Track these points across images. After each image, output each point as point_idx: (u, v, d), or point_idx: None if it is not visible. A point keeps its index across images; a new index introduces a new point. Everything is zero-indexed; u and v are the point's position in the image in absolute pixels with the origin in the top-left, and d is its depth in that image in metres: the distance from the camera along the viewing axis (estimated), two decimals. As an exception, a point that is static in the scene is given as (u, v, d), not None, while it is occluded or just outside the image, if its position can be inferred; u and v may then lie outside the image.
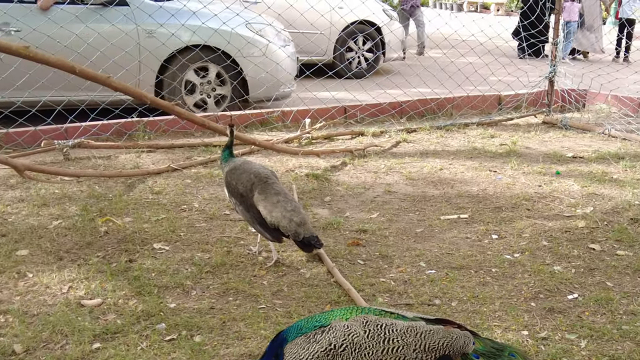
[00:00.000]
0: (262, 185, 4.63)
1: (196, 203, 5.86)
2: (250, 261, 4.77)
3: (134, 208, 5.69)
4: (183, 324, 3.91)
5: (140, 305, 4.11)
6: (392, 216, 5.69)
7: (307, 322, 2.93)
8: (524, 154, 7.70)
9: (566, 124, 8.99)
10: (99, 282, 4.38)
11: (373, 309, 2.98)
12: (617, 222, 5.60)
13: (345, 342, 2.78)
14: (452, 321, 3.00)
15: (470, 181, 6.64)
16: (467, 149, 7.86)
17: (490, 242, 5.22)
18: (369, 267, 4.75)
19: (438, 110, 9.51)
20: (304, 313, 4.06)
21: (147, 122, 8.00)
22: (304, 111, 8.71)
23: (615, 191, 6.36)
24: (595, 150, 7.89)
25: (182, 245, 5.00)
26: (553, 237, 5.31)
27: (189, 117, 6.74)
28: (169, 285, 4.38)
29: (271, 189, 4.62)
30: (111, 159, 7.07)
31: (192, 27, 8.54)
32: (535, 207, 5.94)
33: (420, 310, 4.12)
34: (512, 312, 4.14)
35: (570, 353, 3.72)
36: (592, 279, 4.62)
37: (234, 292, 4.33)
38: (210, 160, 7.01)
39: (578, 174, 6.90)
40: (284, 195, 4.63)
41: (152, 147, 7.44)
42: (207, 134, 8.05)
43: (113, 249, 4.92)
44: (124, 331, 3.84)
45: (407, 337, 2.81)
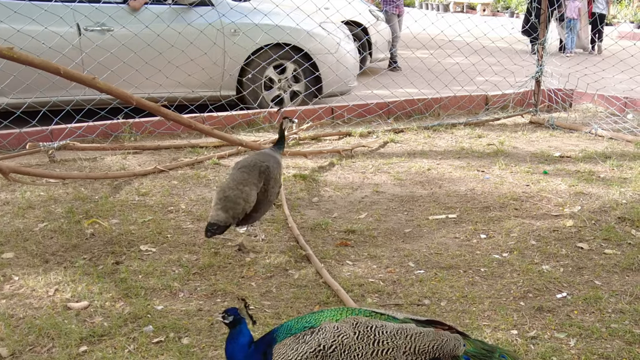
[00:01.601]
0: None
1: (183, 204, 5.82)
2: (238, 262, 4.74)
3: (120, 210, 5.65)
4: (171, 326, 3.88)
5: (128, 308, 4.08)
6: (381, 216, 5.68)
7: (296, 323, 2.91)
8: (511, 153, 7.70)
9: (553, 124, 9.01)
10: (85, 284, 4.34)
11: (363, 310, 2.97)
12: (604, 221, 5.61)
13: (335, 343, 2.77)
14: (442, 323, 2.99)
15: (458, 181, 6.64)
16: (454, 149, 7.86)
17: (479, 242, 5.21)
18: (357, 267, 4.73)
19: (425, 110, 9.51)
20: (293, 314, 4.04)
21: (133, 124, 7.97)
22: (291, 112, 8.68)
23: (602, 190, 6.37)
24: (582, 149, 7.90)
25: (169, 247, 4.97)
26: (541, 236, 5.31)
27: (175, 118, 6.69)
28: (156, 288, 4.34)
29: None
30: (97, 161, 7.03)
31: (274, 27, 9.03)
32: (523, 207, 5.94)
33: (410, 311, 4.11)
34: (501, 311, 4.13)
35: (560, 352, 3.71)
36: (580, 278, 4.62)
37: (222, 294, 4.30)
38: (197, 161, 6.98)
39: (565, 173, 6.92)
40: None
41: (138, 149, 7.40)
42: (193, 135, 8.01)
43: (99, 251, 4.88)
44: (111, 334, 3.80)
45: (397, 340, 2.80)
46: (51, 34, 7.68)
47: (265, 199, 4.84)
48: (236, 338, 2.92)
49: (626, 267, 4.79)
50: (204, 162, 7.02)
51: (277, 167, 4.98)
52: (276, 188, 4.95)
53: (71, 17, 8.00)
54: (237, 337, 2.92)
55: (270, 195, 4.89)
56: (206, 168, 6.85)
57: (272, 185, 4.87)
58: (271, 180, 4.85)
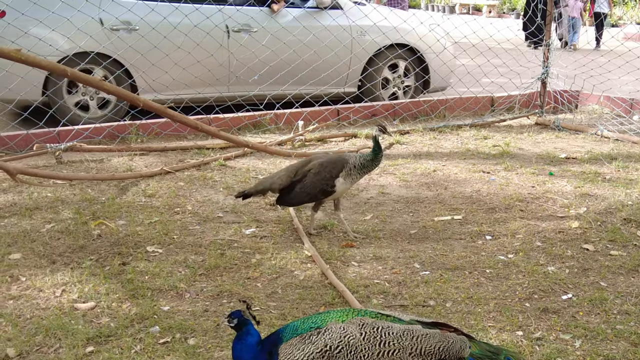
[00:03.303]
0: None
1: (189, 206, 5.84)
2: (244, 263, 4.75)
3: (127, 211, 5.67)
4: (177, 327, 3.89)
5: (134, 309, 4.09)
6: (386, 217, 5.69)
7: (302, 323, 2.92)
8: (517, 155, 7.71)
9: (559, 125, 9.01)
10: (92, 285, 4.36)
11: (369, 312, 2.97)
12: (610, 223, 5.60)
13: (341, 344, 2.78)
14: (448, 325, 3.00)
15: (463, 182, 6.65)
16: (460, 151, 7.87)
17: (484, 243, 5.21)
18: (363, 268, 4.75)
19: (431, 112, 9.52)
20: (298, 315, 4.05)
21: (140, 125, 7.99)
22: (297, 113, 8.71)
23: (608, 191, 6.37)
24: (588, 150, 7.90)
25: (176, 248, 4.99)
26: (547, 237, 5.31)
27: (181, 120, 6.72)
28: (162, 288, 4.36)
29: None
30: (104, 162, 7.05)
31: (393, 29, 9.64)
32: (528, 208, 5.94)
33: (415, 312, 4.12)
34: (507, 312, 4.14)
35: (565, 353, 3.71)
36: (586, 279, 4.63)
37: (228, 295, 4.32)
38: (203, 162, 7.00)
39: (571, 174, 6.91)
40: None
41: (145, 150, 7.42)
42: (200, 137, 8.03)
43: (106, 252, 4.90)
44: (117, 334, 3.82)
45: (404, 341, 2.81)
46: (204, 34, 8.46)
47: (296, 189, 5.18)
48: (244, 339, 2.93)
49: (632, 269, 4.79)
50: (210, 163, 7.04)
51: (329, 167, 5.14)
52: (317, 184, 5.13)
53: (221, 19, 8.76)
54: (244, 338, 2.93)
55: (305, 188, 5.16)
56: (212, 169, 6.87)
57: (311, 180, 5.15)
58: (308, 176, 5.16)
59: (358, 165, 5.13)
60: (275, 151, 7.28)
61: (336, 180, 5.11)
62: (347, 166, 5.12)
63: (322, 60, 9.04)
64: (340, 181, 5.11)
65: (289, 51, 8.85)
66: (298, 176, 5.22)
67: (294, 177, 5.23)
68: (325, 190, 5.15)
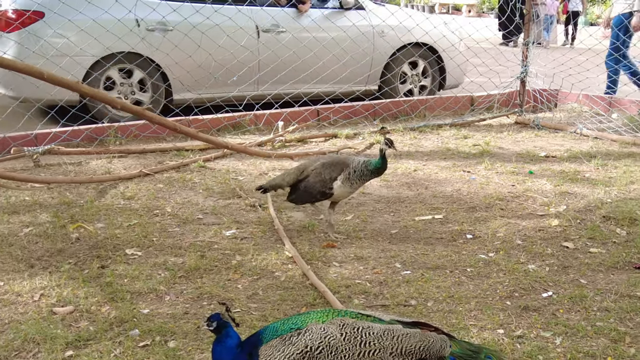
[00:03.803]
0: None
1: (169, 208, 5.80)
2: (224, 265, 4.72)
3: (105, 214, 5.63)
4: (157, 330, 3.85)
5: (113, 312, 4.05)
6: (367, 217, 5.68)
7: (282, 324, 2.90)
8: (497, 154, 7.73)
9: (538, 124, 9.05)
10: (70, 289, 4.32)
11: (349, 312, 2.96)
12: (589, 220, 5.63)
13: (322, 344, 2.76)
14: (428, 324, 2.99)
15: (444, 182, 6.65)
16: (440, 150, 7.88)
17: (465, 242, 5.22)
18: (344, 268, 4.73)
19: (411, 111, 9.54)
20: (280, 316, 4.03)
21: (118, 127, 7.93)
22: (277, 114, 8.69)
23: (587, 189, 6.40)
24: (567, 149, 7.94)
25: (155, 251, 4.95)
26: (527, 236, 5.33)
27: (160, 121, 6.68)
28: (142, 291, 4.32)
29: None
30: (82, 165, 7.00)
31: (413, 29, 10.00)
32: (509, 207, 5.96)
33: (397, 311, 4.11)
34: (488, 311, 4.14)
35: (546, 350, 3.72)
36: (566, 277, 4.64)
37: (208, 297, 4.29)
38: (182, 164, 6.96)
39: (551, 173, 6.94)
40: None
41: (124, 153, 7.37)
42: (179, 139, 7.99)
43: (85, 255, 4.85)
44: (96, 338, 3.78)
45: (384, 341, 2.80)
46: (237, 34, 8.94)
47: (300, 188, 5.20)
48: (223, 341, 2.90)
49: (611, 266, 4.81)
50: (190, 165, 7.00)
51: (329, 169, 5.09)
52: (317, 185, 5.10)
53: (251, 20, 9.21)
54: (224, 341, 2.90)
55: (307, 188, 5.15)
56: (192, 171, 6.84)
57: (312, 180, 5.12)
58: (310, 176, 5.13)
59: (358, 171, 5.02)
60: (255, 152, 7.26)
61: (334, 182, 5.06)
62: (346, 170, 5.04)
63: (349, 57, 9.57)
64: (337, 184, 5.05)
65: (315, 50, 9.32)
66: (303, 175, 5.20)
67: (300, 175, 5.22)
68: (324, 192, 5.11)
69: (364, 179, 5.09)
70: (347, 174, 5.03)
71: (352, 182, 5.06)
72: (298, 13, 9.66)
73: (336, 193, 5.10)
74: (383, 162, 5.02)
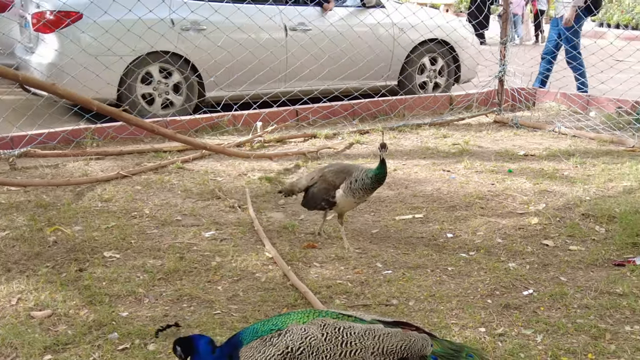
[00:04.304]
0: None
1: (147, 209, 5.75)
2: (204, 267, 4.69)
3: (83, 216, 5.57)
4: (136, 333, 3.81)
5: (92, 315, 4.00)
6: (347, 217, 5.66)
7: (263, 325, 2.87)
8: (476, 153, 7.75)
9: (517, 123, 9.09)
10: (48, 292, 4.26)
11: (330, 312, 2.94)
12: (569, 218, 5.65)
13: (303, 345, 2.74)
14: (410, 323, 2.98)
15: (424, 181, 6.65)
16: (420, 149, 7.89)
17: (446, 241, 5.22)
18: (325, 269, 4.71)
19: (390, 111, 9.54)
20: (261, 317, 4.00)
21: (95, 129, 7.85)
22: (255, 114, 8.65)
23: (566, 188, 6.42)
24: (546, 147, 7.97)
25: (133, 253, 4.90)
26: (507, 234, 5.33)
27: (137, 123, 6.62)
28: (120, 294, 4.27)
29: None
30: (59, 168, 6.92)
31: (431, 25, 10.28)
32: (488, 205, 5.97)
33: (378, 311, 4.10)
34: (469, 309, 4.13)
35: (527, 348, 3.72)
36: (546, 275, 4.65)
37: (188, 299, 4.25)
38: (160, 165, 6.90)
39: (530, 171, 6.97)
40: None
41: (101, 154, 7.30)
42: (156, 140, 7.92)
43: (62, 258, 4.79)
44: (75, 342, 3.73)
45: (365, 340, 2.78)
46: (265, 33, 9.29)
47: (309, 194, 5.12)
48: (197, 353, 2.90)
49: (591, 263, 4.83)
50: (168, 166, 6.94)
51: (333, 177, 4.94)
52: (329, 191, 4.94)
53: (279, 18, 9.46)
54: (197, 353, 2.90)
55: (313, 194, 5.06)
56: (170, 172, 6.78)
57: (317, 187, 5.01)
58: (317, 183, 5.02)
59: (360, 181, 4.79)
60: (233, 153, 7.21)
61: (336, 191, 4.89)
62: (348, 179, 4.84)
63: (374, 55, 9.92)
64: (340, 193, 4.87)
65: (340, 47, 9.65)
66: (313, 181, 5.08)
67: (311, 181, 5.11)
68: (328, 200, 4.95)
69: (365, 188, 4.83)
70: (348, 183, 4.83)
71: (354, 193, 4.83)
72: (323, 11, 9.96)
73: (339, 203, 4.92)
74: (382, 168, 4.74)
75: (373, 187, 4.85)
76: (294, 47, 9.47)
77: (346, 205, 4.97)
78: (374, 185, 4.82)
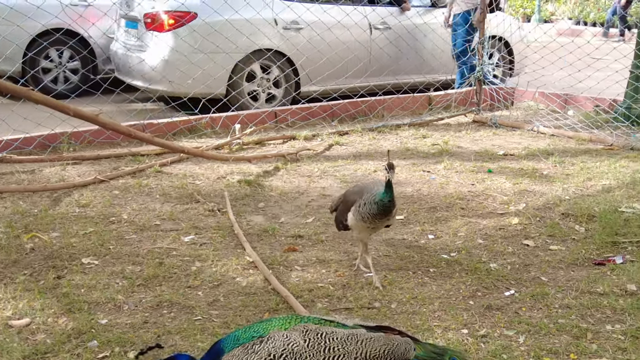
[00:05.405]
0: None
1: (125, 214, 5.69)
2: (183, 272, 4.64)
3: (60, 223, 5.50)
4: (116, 340, 3.76)
5: (71, 323, 3.95)
6: (328, 220, 5.63)
7: (244, 332, 2.84)
8: (456, 153, 7.75)
9: (496, 122, 9.11)
10: (26, 301, 4.20)
11: (312, 318, 2.91)
12: (549, 218, 5.67)
13: (285, 351, 2.70)
14: (392, 328, 2.96)
15: (404, 182, 6.64)
16: (400, 150, 7.88)
17: (427, 242, 5.21)
18: (306, 272, 4.68)
19: (369, 112, 9.52)
20: (242, 322, 3.97)
21: (72, 134, 7.76)
22: (234, 116, 8.60)
23: (546, 187, 6.44)
24: (525, 147, 8.00)
25: (112, 259, 4.84)
26: (488, 234, 5.34)
27: (113, 127, 6.55)
28: (99, 301, 4.22)
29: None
30: (35, 173, 6.83)
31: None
32: (469, 206, 5.97)
33: (360, 314, 4.08)
34: (452, 311, 4.13)
35: (510, 349, 3.72)
36: (527, 275, 4.66)
37: (168, 305, 4.20)
38: (138, 170, 6.83)
39: (509, 171, 6.98)
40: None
41: (78, 159, 7.21)
42: (134, 144, 7.84)
43: (40, 266, 4.72)
44: (54, 351, 3.68)
45: (348, 345, 2.75)
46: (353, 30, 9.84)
47: (335, 216, 4.74)
48: None
49: (571, 263, 4.85)
50: (146, 170, 6.87)
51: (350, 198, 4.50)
52: (344, 213, 4.49)
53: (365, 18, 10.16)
54: None
55: (336, 217, 4.69)
56: (148, 176, 6.72)
57: (339, 209, 4.61)
58: (340, 205, 4.63)
59: (368, 204, 4.30)
60: (212, 156, 7.16)
61: (348, 214, 4.46)
62: (358, 201, 4.38)
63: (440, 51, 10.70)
64: (350, 216, 4.43)
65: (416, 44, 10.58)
66: (340, 201, 4.70)
67: (338, 202, 4.74)
68: (342, 222, 4.55)
69: (373, 213, 4.30)
70: (357, 206, 4.37)
71: (364, 217, 4.33)
72: (401, 12, 10.67)
73: (352, 226, 4.48)
74: (388, 192, 4.23)
75: (380, 212, 4.30)
76: (378, 44, 10.34)
77: (361, 230, 4.49)
78: (380, 211, 4.30)
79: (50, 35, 9.96)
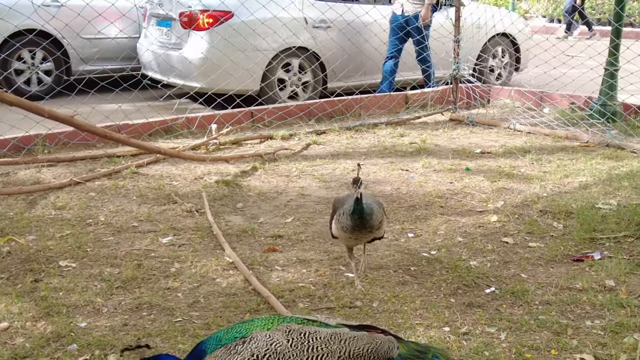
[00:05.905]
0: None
1: (102, 216, 5.64)
2: (162, 274, 4.60)
3: (36, 225, 5.43)
4: (95, 344, 3.72)
5: (50, 327, 3.90)
6: (307, 219, 5.62)
7: (226, 333, 2.81)
8: (433, 151, 7.77)
9: (473, 120, 9.14)
10: (4, 305, 4.14)
11: (295, 318, 2.90)
12: (527, 215, 5.69)
13: (268, 352, 2.68)
14: (375, 327, 2.95)
15: (383, 181, 6.64)
16: (377, 149, 7.88)
17: (407, 241, 5.21)
18: (287, 272, 4.66)
19: (346, 111, 9.52)
20: (223, 324, 3.94)
21: (46, 136, 7.66)
22: (210, 116, 8.55)
23: (523, 185, 6.47)
24: (502, 145, 8.03)
25: (90, 261, 4.79)
26: (467, 232, 5.35)
27: (89, 128, 6.48)
28: (78, 304, 4.17)
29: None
30: (10, 176, 6.74)
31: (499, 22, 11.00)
32: (448, 204, 5.98)
33: (342, 313, 4.07)
34: (433, 309, 4.13)
35: (491, 346, 3.73)
36: (507, 272, 4.67)
37: (148, 307, 4.16)
38: (114, 171, 6.77)
39: (487, 169, 7.00)
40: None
41: (53, 161, 7.13)
42: (109, 145, 7.76)
43: (17, 269, 4.66)
44: (33, 355, 3.63)
45: (332, 345, 2.74)
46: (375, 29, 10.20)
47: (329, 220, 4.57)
48: None
49: (550, 259, 4.87)
50: (122, 171, 6.81)
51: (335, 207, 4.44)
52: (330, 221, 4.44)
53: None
54: None
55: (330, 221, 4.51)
56: (124, 178, 6.65)
57: (331, 216, 4.48)
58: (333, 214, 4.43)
59: (344, 214, 4.24)
60: (188, 156, 7.11)
61: (332, 222, 4.42)
62: (339, 210, 4.33)
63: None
64: (333, 224, 4.38)
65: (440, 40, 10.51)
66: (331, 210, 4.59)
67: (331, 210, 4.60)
68: (330, 230, 4.50)
69: (349, 224, 4.23)
70: (338, 215, 4.31)
71: (343, 227, 4.26)
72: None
73: (334, 234, 4.43)
74: (356, 207, 4.17)
75: (355, 224, 4.22)
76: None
77: (344, 239, 4.45)
78: (355, 223, 4.21)
79: (22, 37, 9.81)
